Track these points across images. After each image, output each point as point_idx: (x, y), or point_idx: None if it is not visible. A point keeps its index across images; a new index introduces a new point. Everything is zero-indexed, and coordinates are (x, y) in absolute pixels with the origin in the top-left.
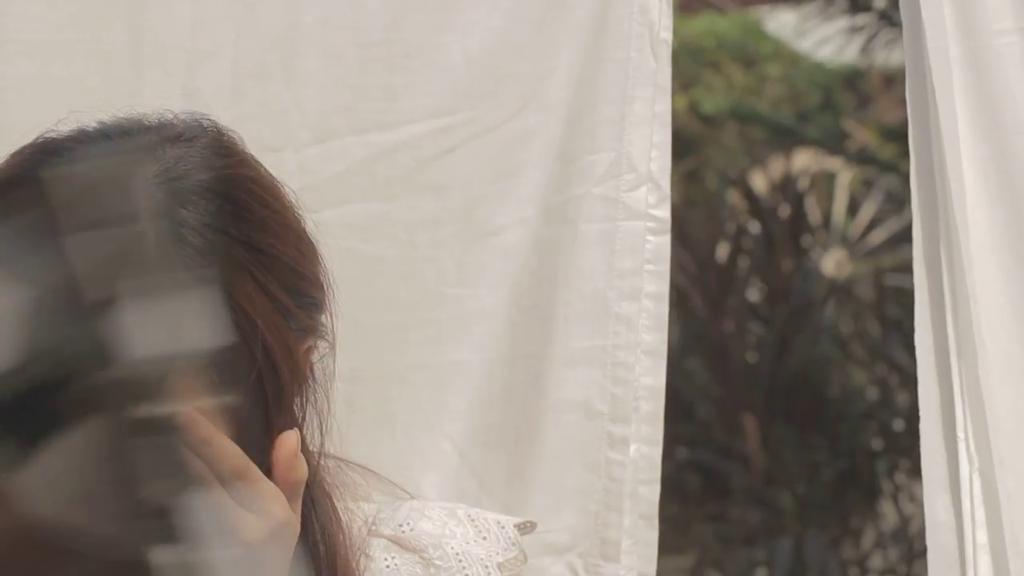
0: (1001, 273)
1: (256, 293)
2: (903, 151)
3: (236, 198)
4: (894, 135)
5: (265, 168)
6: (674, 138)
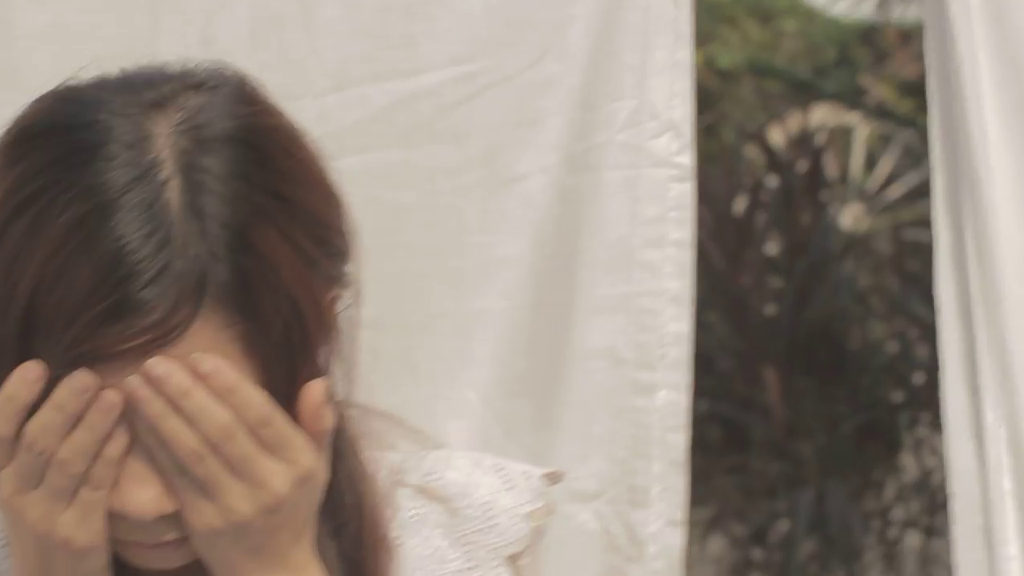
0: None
1: (281, 242)
2: (920, 106)
3: (260, 147)
4: (911, 90)
5: (288, 116)
6: None
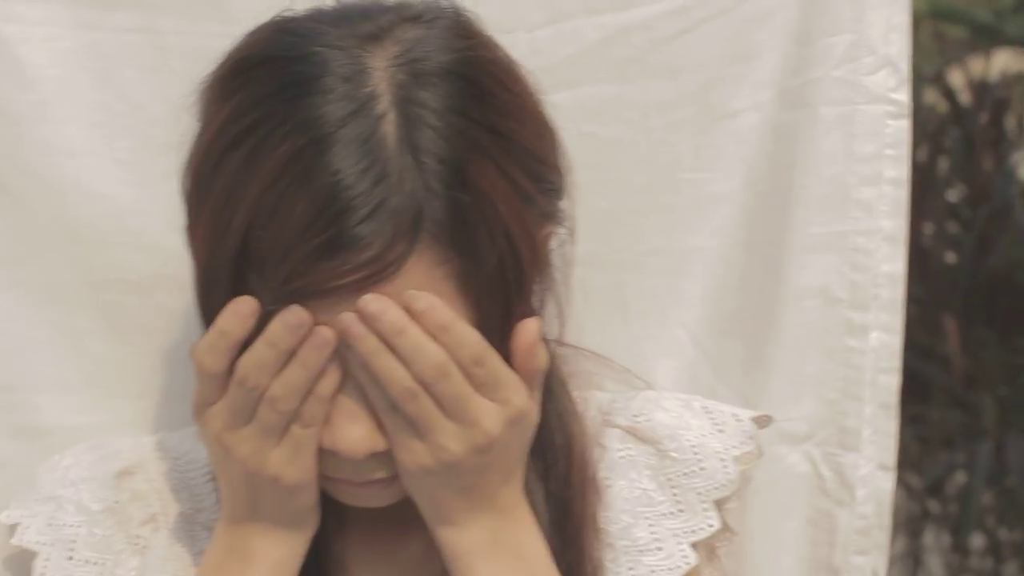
0: None
1: (497, 177)
2: None
3: (477, 80)
4: None
5: (504, 50)
6: None
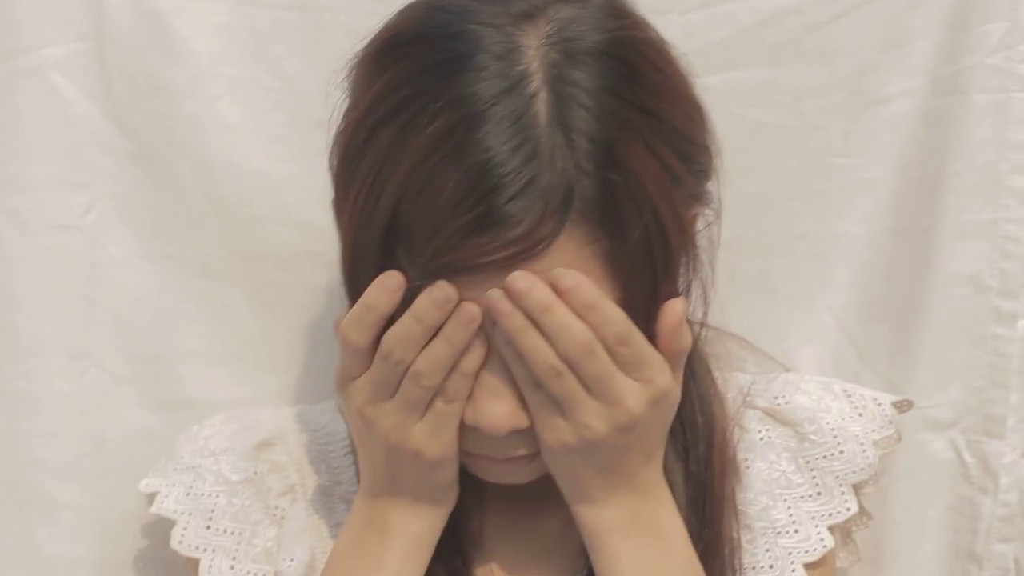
0: None
1: (647, 157)
2: None
3: (629, 60)
4: None
5: (655, 31)
6: None
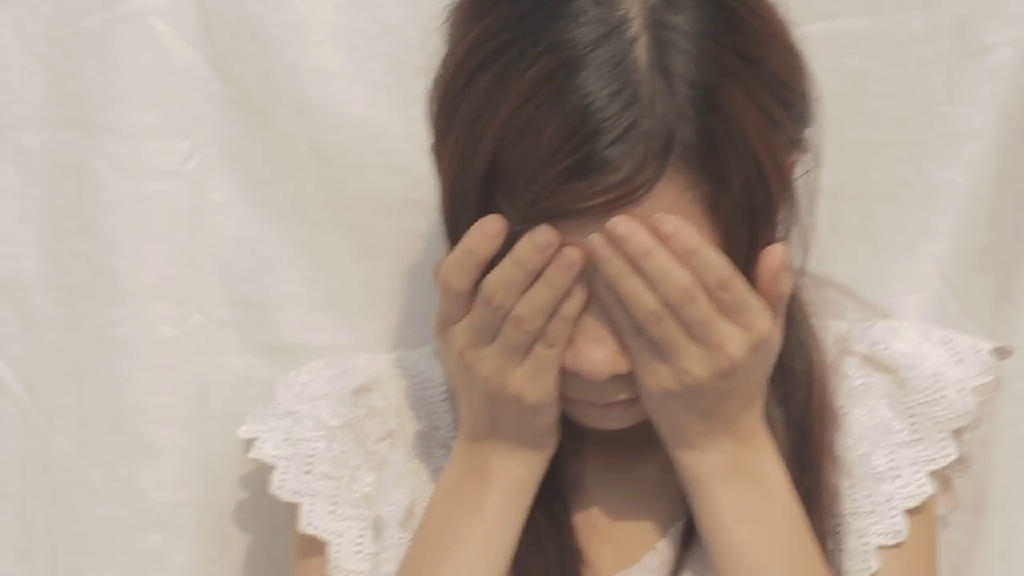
0: None
1: (746, 103)
2: None
3: (729, 6)
4: None
5: None
6: None
